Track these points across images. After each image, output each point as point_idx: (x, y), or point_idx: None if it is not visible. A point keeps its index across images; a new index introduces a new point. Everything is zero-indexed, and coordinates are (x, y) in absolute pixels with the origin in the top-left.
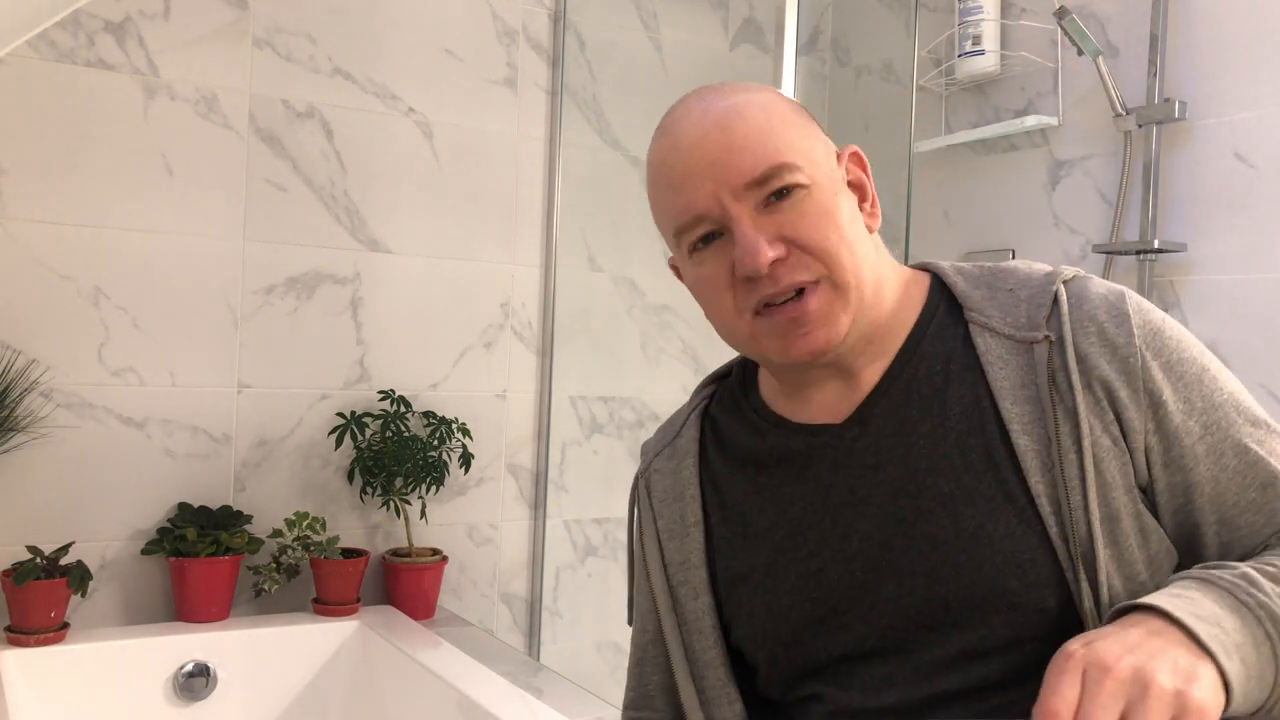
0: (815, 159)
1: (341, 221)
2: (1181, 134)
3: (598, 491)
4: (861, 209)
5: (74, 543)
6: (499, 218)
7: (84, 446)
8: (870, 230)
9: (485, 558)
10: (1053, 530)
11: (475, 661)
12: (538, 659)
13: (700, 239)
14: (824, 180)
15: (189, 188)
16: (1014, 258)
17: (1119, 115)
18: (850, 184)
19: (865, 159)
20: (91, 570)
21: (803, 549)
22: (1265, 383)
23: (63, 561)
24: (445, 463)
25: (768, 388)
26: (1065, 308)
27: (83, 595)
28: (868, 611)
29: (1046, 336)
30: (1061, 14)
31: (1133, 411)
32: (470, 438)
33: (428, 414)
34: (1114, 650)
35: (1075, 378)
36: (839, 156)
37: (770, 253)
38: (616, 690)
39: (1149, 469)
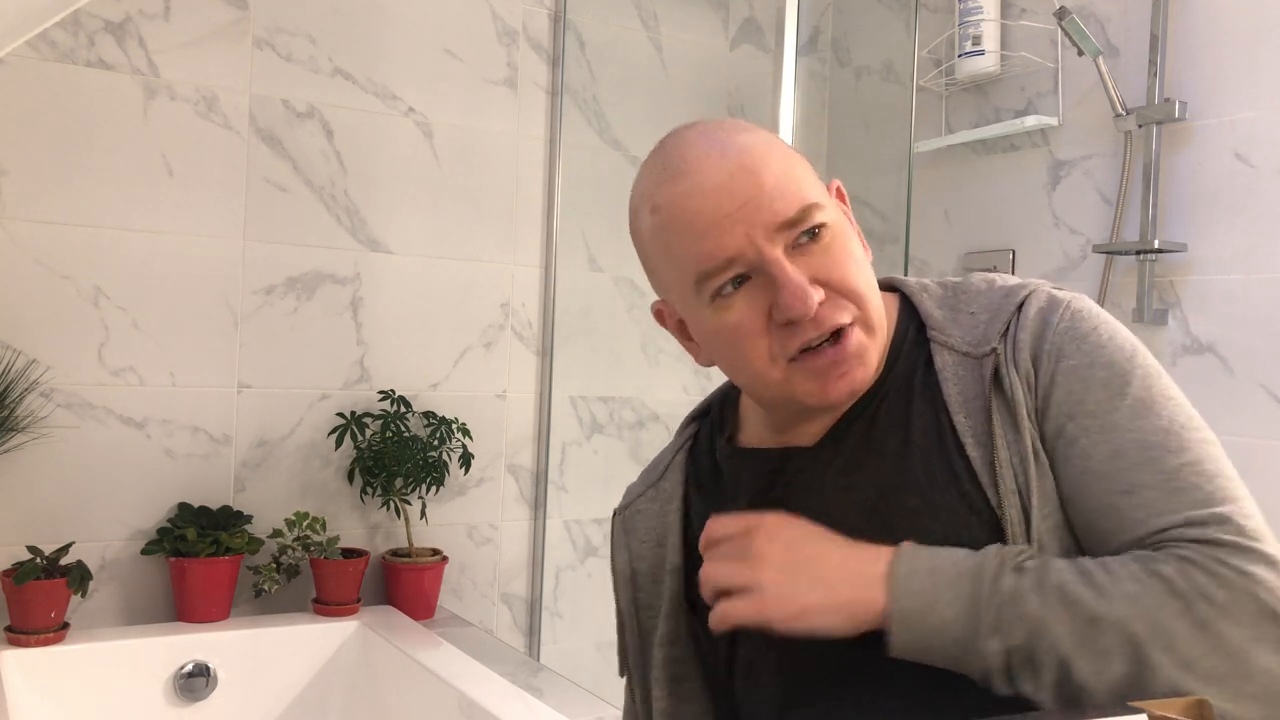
0: (827, 197)
1: (341, 221)
2: (1181, 134)
3: (598, 492)
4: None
5: (74, 543)
6: (499, 218)
7: (84, 446)
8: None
9: (485, 558)
10: (1019, 539)
11: (475, 661)
12: (538, 659)
13: (728, 282)
14: (838, 218)
15: (189, 188)
16: (1014, 258)
17: (1119, 115)
18: (842, 214)
19: (845, 192)
20: (91, 570)
21: None
22: (1265, 383)
23: (63, 561)
24: (445, 463)
25: (753, 421)
26: (1014, 327)
27: (83, 595)
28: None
29: (994, 349)
30: (1061, 14)
31: (1033, 414)
32: (470, 438)
33: (428, 414)
34: (769, 575)
35: (1019, 389)
36: (828, 187)
37: (818, 294)
38: (616, 690)
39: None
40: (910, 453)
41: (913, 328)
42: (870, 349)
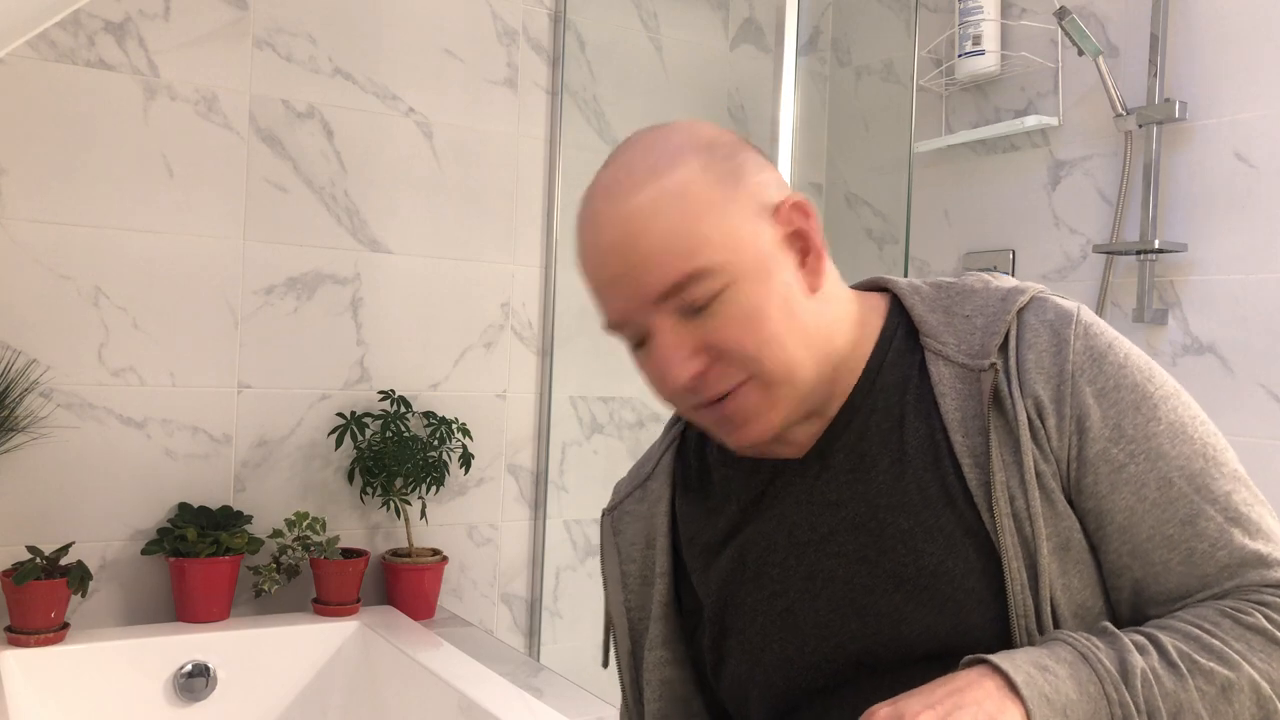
0: (739, 241)
1: (341, 221)
2: (1181, 134)
3: (598, 491)
4: (804, 265)
5: (74, 543)
6: (499, 218)
7: (84, 446)
8: (812, 290)
9: (485, 558)
10: (1014, 563)
11: (475, 661)
12: (538, 659)
13: (628, 339)
14: (748, 268)
15: (189, 188)
16: (1014, 258)
17: (1119, 115)
18: (795, 234)
19: (810, 208)
20: (91, 570)
21: (768, 588)
22: (1265, 383)
23: (63, 561)
24: (445, 463)
25: None
26: (1014, 338)
27: (83, 595)
28: (835, 650)
29: (993, 364)
30: (1061, 14)
31: (1057, 439)
32: (470, 438)
33: (428, 414)
34: (914, 707)
35: (1020, 409)
36: (778, 209)
37: (686, 372)
38: (616, 690)
39: (1067, 495)
40: (904, 471)
41: (901, 332)
42: (765, 406)
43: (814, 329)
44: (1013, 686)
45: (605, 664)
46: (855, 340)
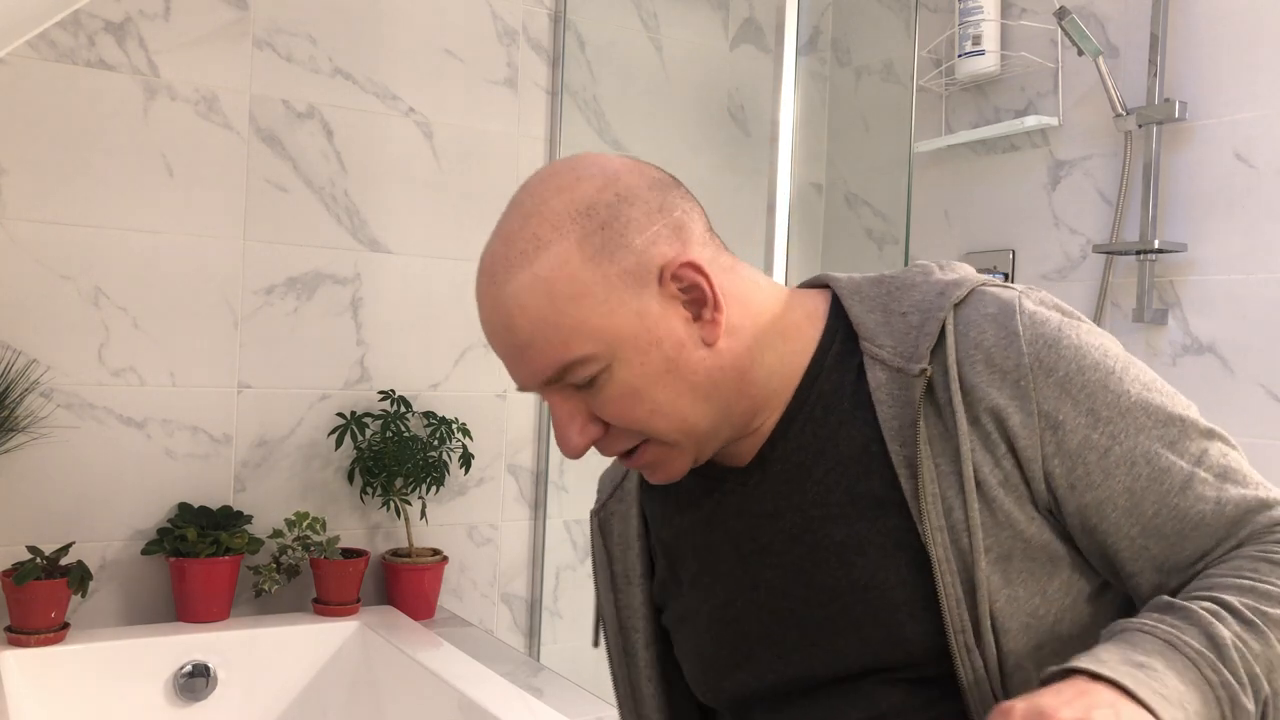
0: (614, 323)
1: (341, 221)
2: (1181, 134)
3: None
4: (701, 318)
5: (74, 543)
6: (499, 217)
7: (84, 446)
8: (710, 343)
9: (485, 558)
10: (948, 575)
11: (475, 661)
12: (538, 659)
13: None
14: (625, 348)
15: (189, 188)
16: (1014, 258)
17: (1119, 115)
18: (687, 289)
19: (698, 261)
20: (91, 570)
21: (720, 595)
22: (1265, 383)
23: (63, 561)
24: (445, 463)
25: None
26: (951, 337)
27: (83, 595)
28: (774, 660)
29: (923, 370)
30: (1061, 14)
31: (1025, 439)
32: (470, 438)
33: (428, 414)
34: (1052, 702)
35: (960, 415)
36: (662, 274)
37: (582, 441)
38: None
39: (1053, 495)
40: (838, 481)
41: (840, 335)
42: (673, 456)
43: (713, 379)
44: (1123, 690)
45: (595, 644)
46: (793, 350)
